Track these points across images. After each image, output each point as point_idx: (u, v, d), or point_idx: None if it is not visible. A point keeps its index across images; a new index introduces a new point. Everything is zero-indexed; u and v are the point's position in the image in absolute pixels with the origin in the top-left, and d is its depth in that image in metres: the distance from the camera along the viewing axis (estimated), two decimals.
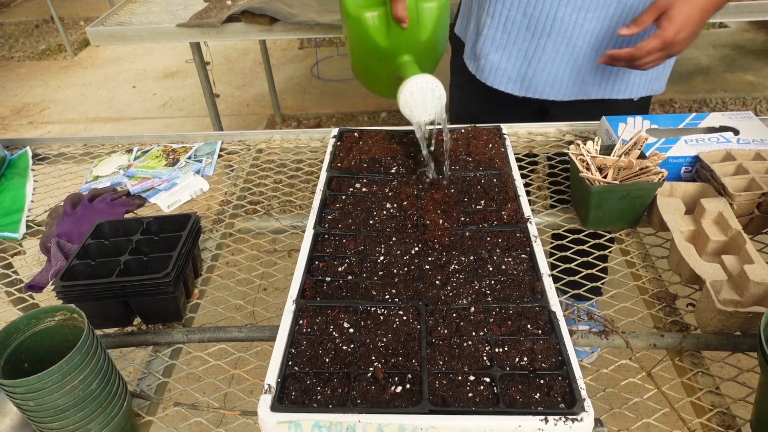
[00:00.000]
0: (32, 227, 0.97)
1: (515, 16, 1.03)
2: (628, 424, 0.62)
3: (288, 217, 0.96)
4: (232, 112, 3.25)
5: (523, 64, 1.08)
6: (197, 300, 0.80)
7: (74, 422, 0.55)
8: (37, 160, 1.14)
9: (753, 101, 2.96)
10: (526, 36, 1.05)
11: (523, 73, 1.09)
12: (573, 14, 0.99)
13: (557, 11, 0.99)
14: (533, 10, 1.01)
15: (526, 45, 1.06)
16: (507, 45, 1.07)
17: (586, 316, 0.74)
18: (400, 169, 0.91)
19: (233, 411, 0.64)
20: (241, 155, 1.10)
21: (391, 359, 0.61)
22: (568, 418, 0.53)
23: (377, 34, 0.83)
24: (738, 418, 0.62)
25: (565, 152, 1.05)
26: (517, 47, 1.07)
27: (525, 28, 1.04)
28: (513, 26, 1.05)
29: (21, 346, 0.58)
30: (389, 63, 0.86)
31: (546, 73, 1.08)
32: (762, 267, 0.69)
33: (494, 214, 0.81)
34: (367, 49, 0.86)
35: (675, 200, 0.83)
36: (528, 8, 1.01)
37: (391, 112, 3.12)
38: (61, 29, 3.96)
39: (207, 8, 1.81)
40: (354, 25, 0.84)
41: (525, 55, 1.07)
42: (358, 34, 0.84)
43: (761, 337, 0.55)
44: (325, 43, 3.94)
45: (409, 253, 0.75)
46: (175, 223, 0.80)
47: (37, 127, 3.24)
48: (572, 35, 1.02)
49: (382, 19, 0.82)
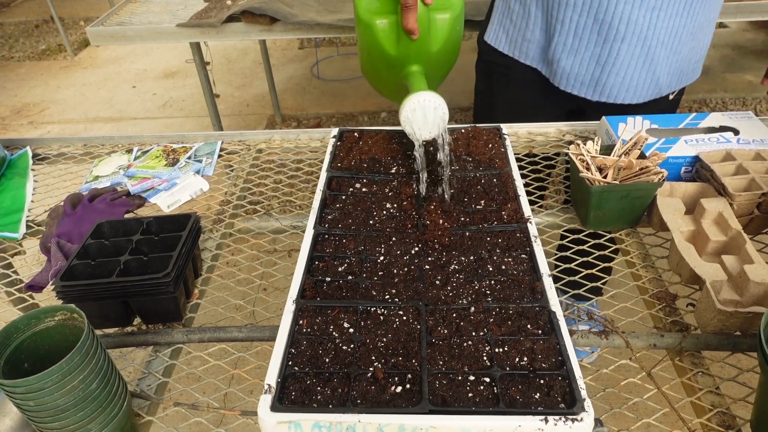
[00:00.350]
0: (32, 227, 0.97)
1: (586, 22, 1.02)
2: (628, 424, 0.62)
3: (288, 217, 0.96)
4: (232, 112, 3.25)
5: (596, 69, 1.07)
6: (197, 300, 0.80)
7: (74, 422, 0.55)
8: (37, 160, 1.14)
9: (753, 101, 2.96)
10: (598, 41, 1.03)
11: (596, 77, 1.08)
12: (647, 15, 0.98)
13: (631, 13, 0.98)
14: (605, 15, 0.99)
15: (598, 50, 1.05)
16: (579, 50, 1.06)
17: (586, 316, 0.74)
18: (400, 169, 0.91)
19: (233, 411, 0.64)
20: (241, 155, 1.10)
21: (391, 359, 0.61)
22: (568, 418, 0.53)
23: (387, 41, 0.82)
24: (738, 418, 0.62)
25: (565, 152, 1.05)
26: (589, 52, 1.06)
27: (597, 33, 1.02)
28: (584, 32, 1.03)
29: (21, 346, 0.58)
30: (397, 70, 0.85)
31: (620, 76, 1.06)
32: (762, 267, 0.69)
33: (494, 214, 0.81)
34: (376, 55, 0.85)
35: (675, 200, 0.83)
36: (599, 13, 1.00)
37: (391, 112, 3.12)
38: (61, 29, 3.96)
39: (207, 8, 1.81)
40: (364, 30, 0.83)
41: (598, 59, 1.06)
42: (368, 39, 0.83)
43: (761, 337, 0.55)
44: (325, 43, 3.94)
45: (409, 253, 0.75)
46: (175, 223, 0.80)
47: (37, 127, 3.24)
48: (647, 36, 1.00)
49: (392, 27, 0.81)
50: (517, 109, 1.24)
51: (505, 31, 1.18)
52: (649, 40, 1.01)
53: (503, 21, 1.18)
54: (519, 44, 1.16)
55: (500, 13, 1.19)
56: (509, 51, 1.18)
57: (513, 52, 1.17)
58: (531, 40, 1.13)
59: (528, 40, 1.14)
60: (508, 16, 1.16)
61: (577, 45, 1.06)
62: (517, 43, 1.16)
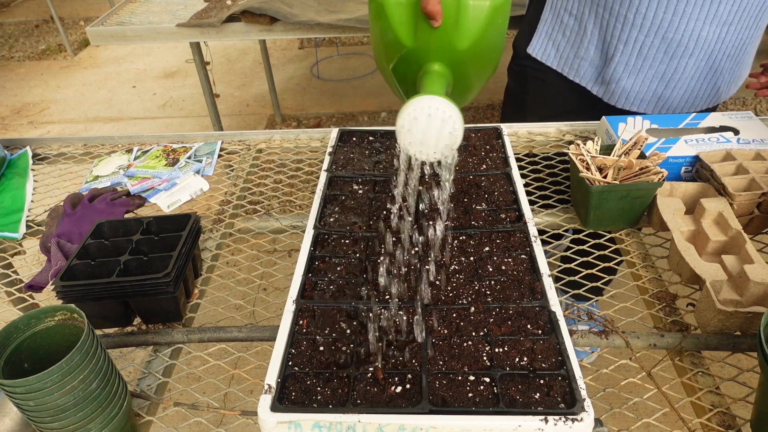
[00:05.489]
0: (32, 227, 0.97)
1: (652, 42, 0.99)
2: (628, 424, 0.62)
3: (288, 217, 0.96)
4: (232, 112, 3.25)
5: (660, 86, 1.05)
6: (197, 300, 0.80)
7: (74, 422, 0.55)
8: (37, 160, 1.14)
9: (753, 101, 2.96)
10: (663, 59, 1.02)
11: (659, 94, 1.06)
12: (717, 30, 0.96)
13: (701, 31, 0.96)
14: (674, 34, 0.97)
15: (663, 68, 1.03)
16: (642, 69, 1.04)
17: (586, 316, 0.74)
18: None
19: (233, 411, 0.64)
20: (241, 155, 1.10)
21: (391, 359, 0.61)
22: (568, 418, 0.53)
23: (402, 29, 0.64)
24: (738, 418, 0.62)
25: (565, 152, 1.05)
26: (653, 70, 1.03)
27: (663, 52, 1.00)
28: (649, 51, 1.01)
29: (21, 346, 0.58)
30: (414, 67, 0.67)
31: (683, 90, 1.05)
32: (762, 267, 0.69)
33: (494, 214, 0.81)
34: (388, 45, 0.68)
35: (675, 200, 0.83)
36: (668, 33, 0.97)
37: (391, 112, 3.12)
38: (61, 29, 3.96)
39: (207, 8, 1.81)
40: (377, 12, 0.66)
41: (662, 77, 1.04)
42: (381, 24, 0.67)
43: (761, 337, 0.55)
44: (325, 43, 3.94)
45: (409, 253, 0.75)
46: (175, 223, 0.80)
47: (37, 127, 3.24)
48: (713, 50, 0.99)
49: (410, 10, 0.63)
50: (551, 112, 1.21)
51: (555, 46, 1.13)
52: (715, 54, 1.00)
53: (553, 35, 1.13)
54: (570, 61, 1.12)
55: (549, 25, 1.13)
56: (558, 66, 1.14)
57: (563, 68, 1.14)
58: (584, 58, 1.09)
59: (581, 58, 1.10)
60: (560, 31, 1.11)
61: (640, 64, 1.03)
62: (568, 59, 1.12)
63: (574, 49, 1.10)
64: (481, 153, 0.93)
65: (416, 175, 0.63)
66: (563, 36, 1.11)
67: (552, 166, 1.02)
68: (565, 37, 1.11)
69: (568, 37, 1.10)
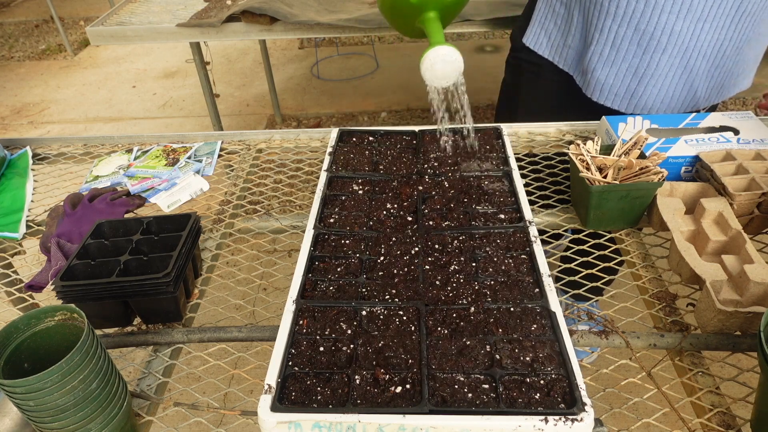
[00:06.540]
0: (32, 227, 0.97)
1: (626, 32, 0.98)
2: (628, 424, 0.62)
3: (288, 217, 0.96)
4: (232, 112, 3.25)
5: (633, 81, 1.04)
6: (197, 300, 0.80)
7: (74, 422, 0.55)
8: (37, 160, 1.14)
9: (753, 101, 2.96)
10: (637, 52, 1.00)
11: (632, 89, 1.05)
12: (691, 26, 0.95)
13: (674, 25, 0.94)
14: (647, 25, 0.96)
15: (636, 61, 1.01)
16: (615, 61, 1.02)
17: (586, 316, 0.74)
18: (400, 170, 0.91)
19: (233, 411, 0.64)
20: (241, 155, 1.10)
21: (391, 359, 0.61)
22: (568, 418, 0.53)
23: None
24: (738, 418, 0.62)
25: (565, 152, 1.05)
26: (627, 63, 1.02)
27: (636, 44, 0.99)
28: (623, 42, 1.00)
29: (21, 346, 0.58)
30: (415, 15, 0.89)
31: (657, 88, 1.03)
32: (762, 267, 0.69)
33: (494, 214, 0.81)
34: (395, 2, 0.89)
35: (675, 200, 0.83)
36: (641, 24, 0.96)
37: (391, 112, 3.12)
38: (61, 29, 3.96)
39: (207, 8, 1.81)
40: None
41: (635, 71, 1.02)
42: None
43: (761, 337, 0.55)
44: (325, 43, 3.94)
45: (409, 253, 0.75)
46: (175, 223, 0.80)
47: (37, 127, 3.24)
48: (688, 47, 0.97)
49: None
50: (540, 107, 1.21)
51: (546, 34, 1.14)
52: (690, 52, 0.98)
53: (545, 23, 1.14)
54: (560, 49, 1.12)
55: (542, 14, 1.14)
56: (548, 55, 1.14)
57: (552, 56, 1.14)
58: (571, 46, 1.10)
59: (568, 46, 1.10)
60: (551, 19, 1.12)
61: (614, 56, 1.02)
62: (558, 47, 1.12)
63: (564, 37, 1.11)
64: (482, 153, 0.93)
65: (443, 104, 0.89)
66: (555, 25, 1.13)
67: (552, 166, 1.02)
68: (556, 26, 1.12)
69: (559, 25, 1.11)
